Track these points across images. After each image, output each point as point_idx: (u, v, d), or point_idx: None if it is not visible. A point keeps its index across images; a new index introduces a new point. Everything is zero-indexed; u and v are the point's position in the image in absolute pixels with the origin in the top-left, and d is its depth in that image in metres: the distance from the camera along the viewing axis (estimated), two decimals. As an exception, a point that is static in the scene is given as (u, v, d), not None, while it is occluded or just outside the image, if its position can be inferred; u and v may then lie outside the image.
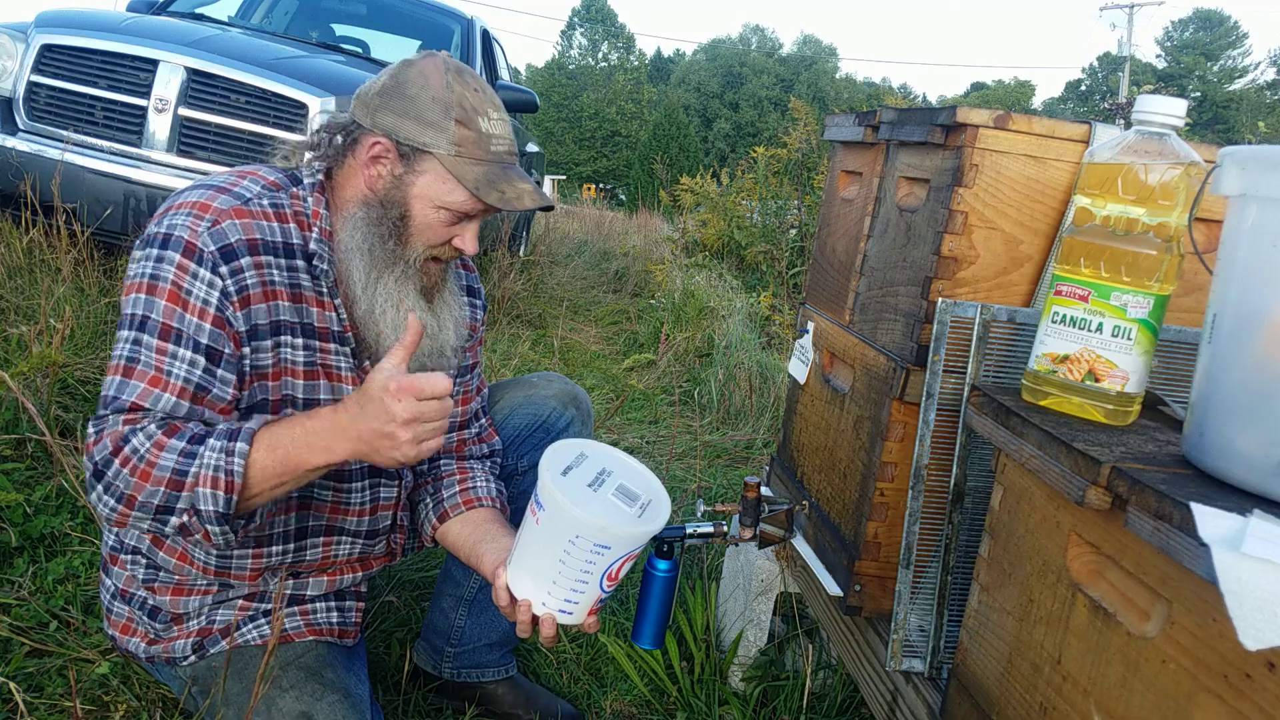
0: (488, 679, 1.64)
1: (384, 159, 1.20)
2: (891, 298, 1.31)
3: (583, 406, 1.62)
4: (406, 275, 1.24)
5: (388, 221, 1.21)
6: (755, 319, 4.83)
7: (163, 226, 1.13)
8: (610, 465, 1.23)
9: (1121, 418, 0.97)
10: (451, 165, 1.18)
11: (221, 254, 1.12)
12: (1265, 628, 0.61)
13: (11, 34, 3.32)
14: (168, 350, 1.10)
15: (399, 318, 1.23)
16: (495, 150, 1.21)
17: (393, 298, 1.23)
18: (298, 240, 1.21)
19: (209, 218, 1.13)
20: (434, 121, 1.17)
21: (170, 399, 1.10)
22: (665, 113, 31.72)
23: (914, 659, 1.23)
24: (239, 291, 1.14)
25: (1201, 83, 46.55)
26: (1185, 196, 0.93)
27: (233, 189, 1.19)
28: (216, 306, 1.12)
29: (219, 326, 1.13)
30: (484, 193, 1.17)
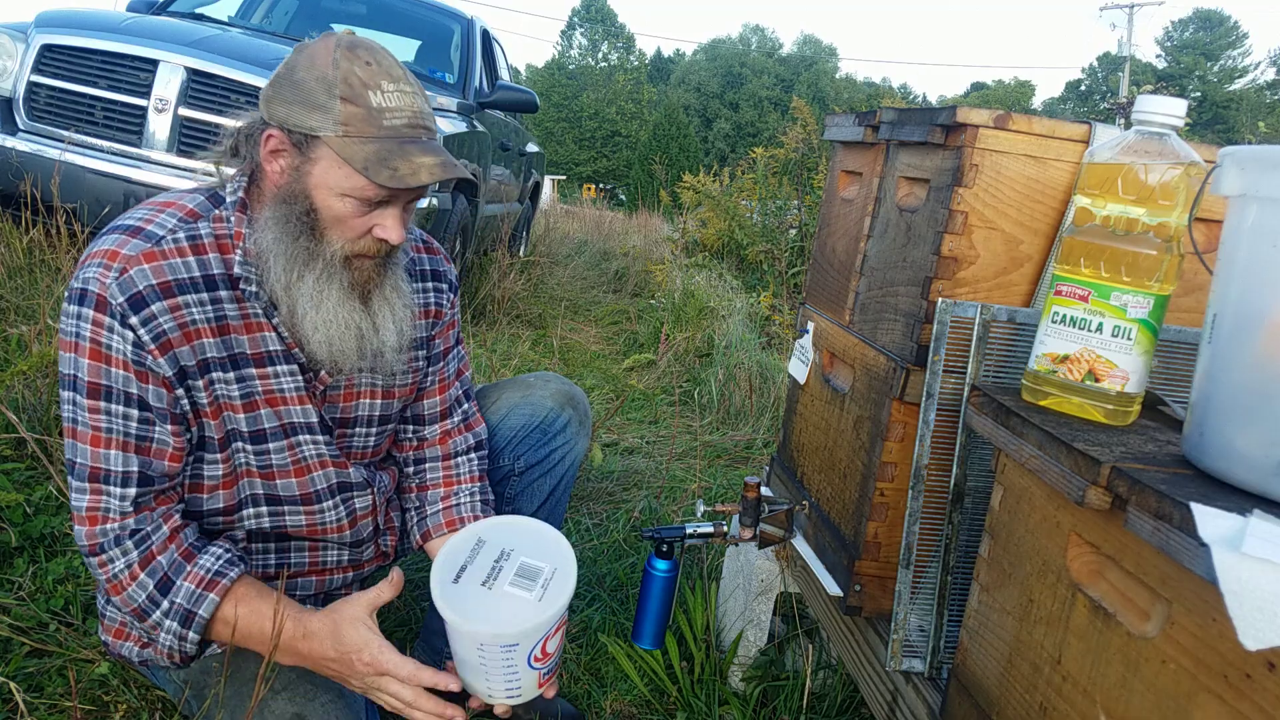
0: None
1: (281, 152, 1.14)
2: (891, 298, 1.31)
3: (580, 407, 1.61)
4: (329, 274, 1.17)
5: (294, 217, 1.15)
6: (755, 319, 4.83)
7: (79, 280, 1.11)
8: (511, 542, 1.24)
9: (1121, 418, 0.97)
10: (340, 147, 1.10)
11: (130, 304, 1.10)
12: (1265, 628, 0.61)
13: (11, 34, 3.32)
14: (100, 408, 1.11)
15: (322, 319, 1.18)
16: (389, 125, 1.12)
17: (313, 298, 1.17)
18: (218, 270, 1.17)
19: (117, 266, 1.10)
20: (320, 103, 1.10)
21: (117, 454, 1.12)
22: (665, 113, 31.73)
23: (914, 659, 1.23)
24: (155, 339, 1.11)
25: (1201, 83, 46.55)
26: (1185, 196, 0.93)
27: (145, 227, 1.14)
28: (133, 359, 1.11)
29: (142, 379, 1.12)
30: (373, 172, 1.09)
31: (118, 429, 1.12)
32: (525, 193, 6.30)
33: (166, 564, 1.16)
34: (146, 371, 1.12)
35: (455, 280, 1.46)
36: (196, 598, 1.16)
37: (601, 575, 2.10)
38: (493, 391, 1.61)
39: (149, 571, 1.15)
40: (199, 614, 1.16)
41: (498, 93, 4.73)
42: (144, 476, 1.15)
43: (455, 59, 4.86)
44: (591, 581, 2.09)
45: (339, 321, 1.19)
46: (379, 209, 1.16)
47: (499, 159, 5.05)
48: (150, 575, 1.15)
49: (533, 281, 5.91)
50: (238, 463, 1.25)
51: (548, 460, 1.57)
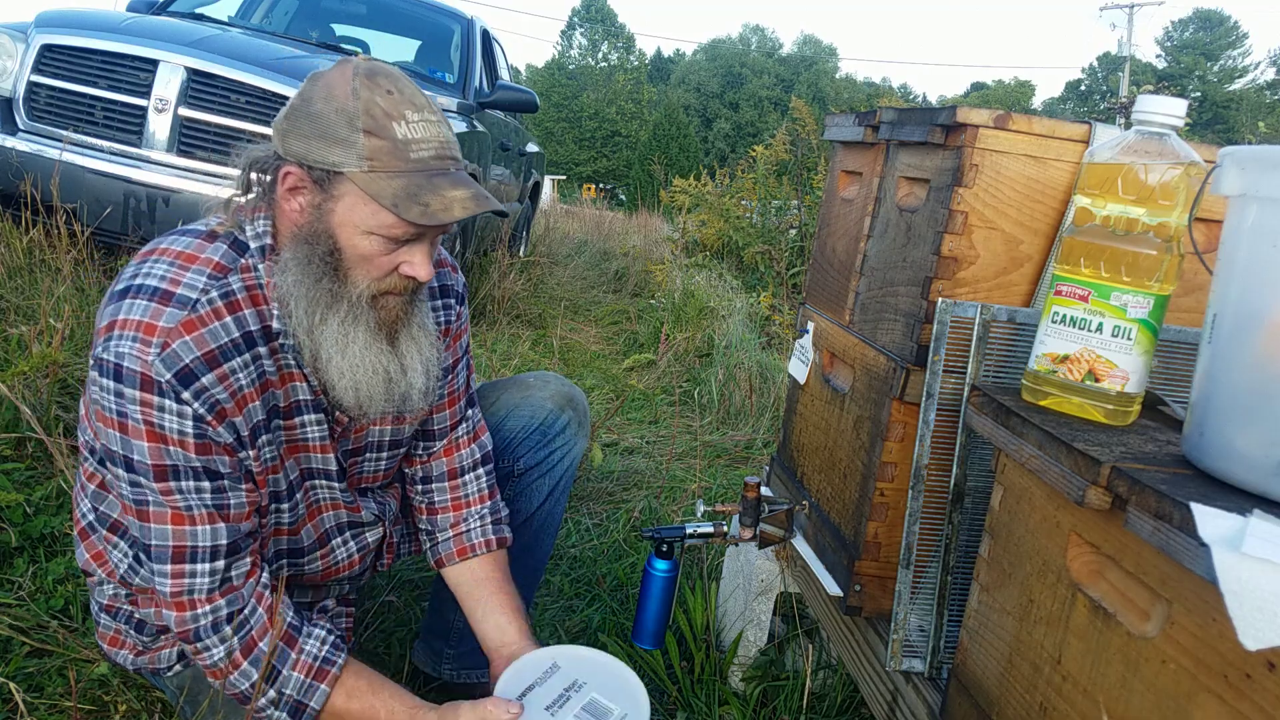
0: (488, 679, 1.63)
1: (301, 189, 1.08)
2: (891, 298, 1.31)
3: (579, 408, 1.60)
4: (354, 315, 1.12)
5: (317, 258, 1.09)
6: (755, 319, 4.83)
7: (110, 353, 1.04)
8: (586, 675, 1.19)
9: (1121, 418, 0.97)
10: (365, 184, 1.04)
11: (180, 380, 1.04)
12: (1265, 628, 0.61)
13: (11, 34, 3.32)
14: (171, 488, 1.06)
15: (348, 364, 1.13)
16: (417, 157, 1.06)
17: (337, 342, 1.12)
18: (254, 325, 1.11)
19: (157, 341, 1.03)
20: (342, 137, 1.03)
21: (203, 529, 1.08)
22: (665, 113, 31.74)
23: (914, 659, 1.23)
24: (211, 410, 1.06)
25: (1201, 83, 46.55)
26: (1185, 196, 0.93)
27: (175, 291, 1.07)
28: (194, 434, 1.06)
29: (204, 450, 1.07)
30: (404, 208, 1.04)
31: (195, 503, 1.07)
32: (525, 193, 6.30)
33: (270, 650, 1.13)
34: (209, 443, 1.07)
35: (463, 289, 1.43)
36: (306, 688, 1.14)
37: (601, 575, 2.10)
38: (491, 392, 1.61)
39: (252, 660, 1.12)
40: (310, 706, 1.14)
41: (498, 93, 4.73)
42: (231, 546, 1.10)
43: (455, 59, 4.86)
44: (591, 581, 2.09)
45: (366, 366, 1.14)
46: (406, 245, 1.10)
47: (499, 159, 5.05)
48: (254, 664, 1.12)
49: (533, 281, 5.92)
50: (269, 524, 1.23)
51: (547, 461, 1.57)
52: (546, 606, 1.97)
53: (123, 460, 1.06)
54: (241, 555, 1.13)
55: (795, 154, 6.55)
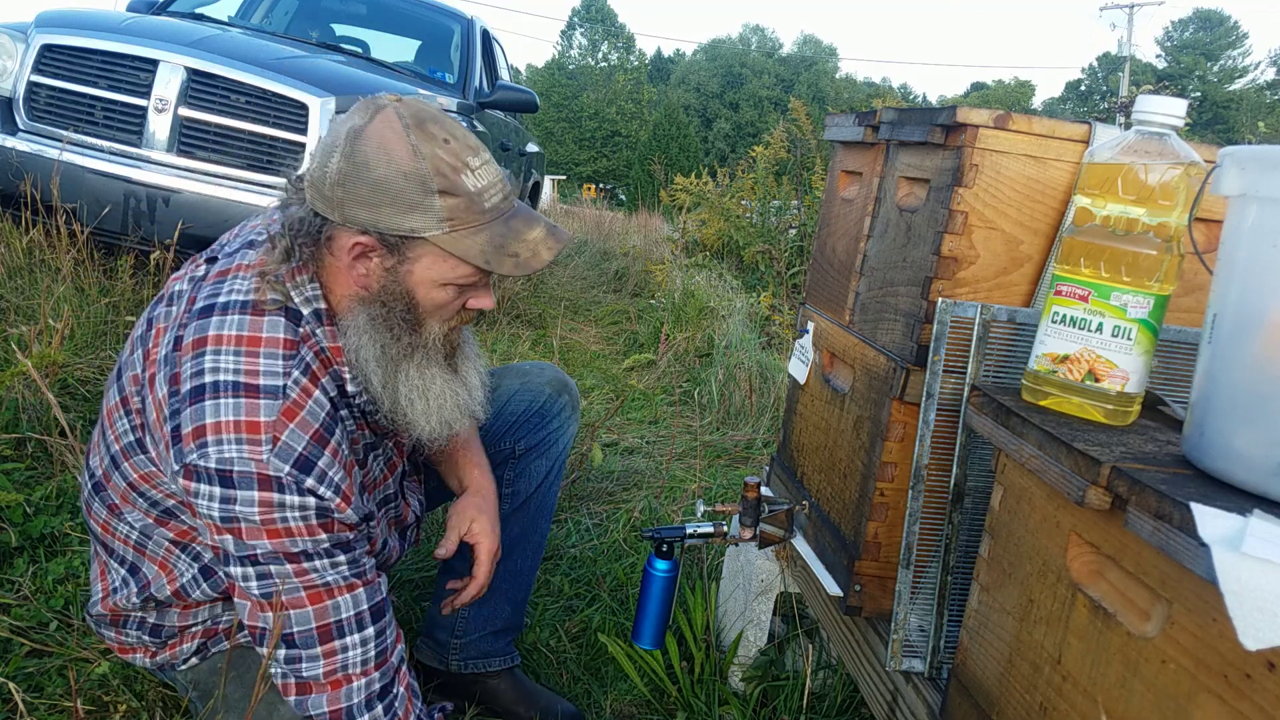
0: (494, 668, 1.64)
1: (371, 254, 1.07)
2: (891, 298, 1.31)
3: (573, 394, 1.66)
4: (428, 359, 1.15)
5: (394, 317, 1.10)
6: (755, 319, 4.83)
7: (212, 460, 1.00)
8: None
9: (1121, 418, 0.97)
10: (449, 244, 1.04)
11: (300, 469, 1.02)
12: (1265, 628, 0.61)
13: (11, 34, 3.32)
14: (304, 570, 1.05)
15: (435, 404, 1.16)
16: (491, 205, 1.06)
17: (419, 388, 1.14)
18: (334, 391, 1.12)
19: (265, 437, 1.01)
20: (415, 202, 1.02)
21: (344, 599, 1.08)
22: (665, 113, 31.73)
23: (914, 659, 1.23)
24: (336, 492, 1.06)
25: (1201, 83, 46.56)
26: (1185, 196, 0.93)
27: (260, 383, 1.04)
28: (318, 520, 1.05)
29: (328, 529, 1.06)
30: (496, 263, 1.06)
31: (333, 578, 1.07)
32: (525, 193, 6.30)
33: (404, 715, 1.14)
34: (333, 522, 1.07)
35: None
36: None
37: (601, 575, 2.10)
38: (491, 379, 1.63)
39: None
40: None
41: (498, 93, 4.73)
42: (375, 610, 1.10)
43: (455, 59, 4.86)
44: (591, 581, 2.09)
45: (448, 402, 1.17)
46: (475, 286, 1.13)
47: (499, 159, 5.05)
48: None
49: (532, 281, 5.91)
50: None
51: (544, 442, 1.61)
52: (546, 607, 1.97)
53: (243, 560, 1.04)
54: (386, 618, 1.13)
55: (794, 154, 6.55)
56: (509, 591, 1.63)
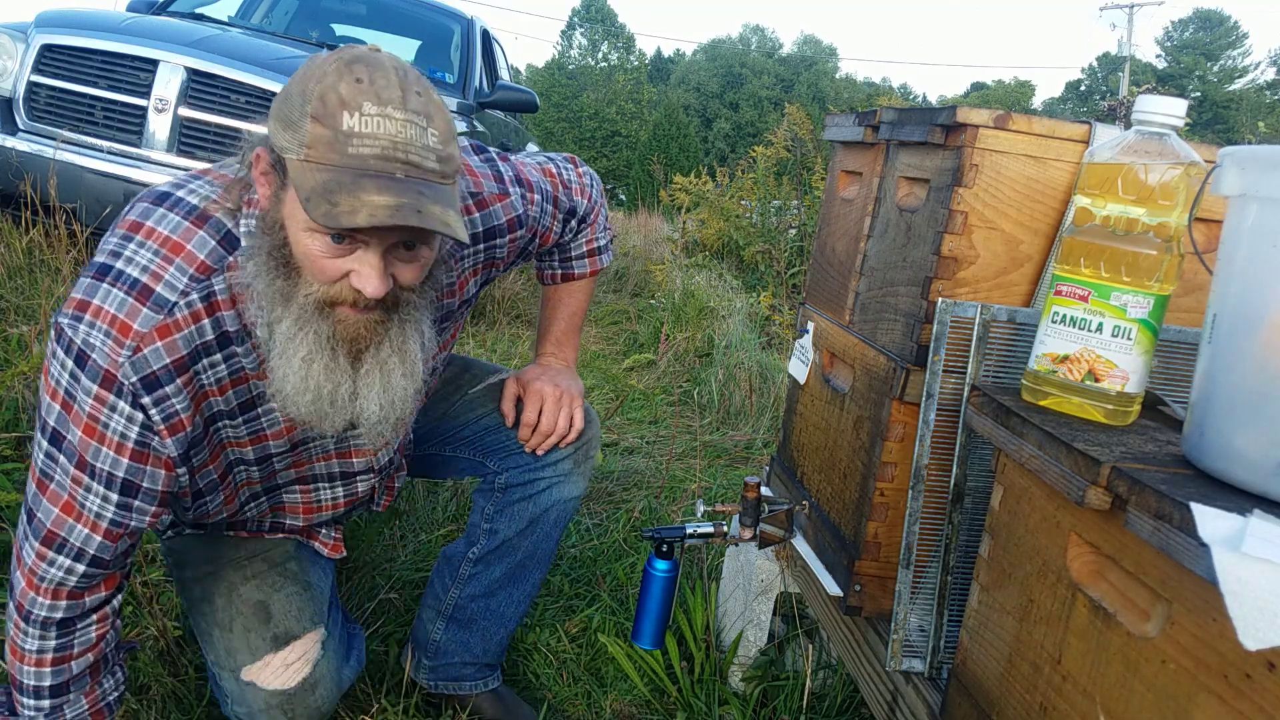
0: (464, 692, 1.61)
1: (266, 172, 1.00)
2: (891, 298, 1.31)
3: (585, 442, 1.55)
4: (303, 321, 1.02)
5: (274, 250, 1.00)
6: (755, 319, 4.83)
7: (79, 335, 1.01)
8: None
9: (1121, 418, 0.97)
10: (296, 173, 0.94)
11: (144, 384, 1.01)
12: (1265, 628, 0.61)
13: (11, 34, 3.32)
14: (82, 481, 1.05)
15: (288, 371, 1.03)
16: (354, 152, 0.92)
17: (282, 347, 1.03)
18: (233, 326, 1.06)
19: (130, 344, 1.00)
20: (293, 120, 0.94)
21: (83, 531, 1.07)
22: (665, 113, 31.72)
23: (914, 659, 1.23)
24: (167, 419, 1.04)
25: (1201, 83, 46.56)
26: (1185, 196, 0.93)
27: (155, 289, 1.02)
28: (136, 440, 1.03)
29: (139, 460, 1.05)
30: (312, 205, 0.91)
31: (91, 508, 1.06)
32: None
33: (76, 671, 1.15)
34: (148, 453, 1.05)
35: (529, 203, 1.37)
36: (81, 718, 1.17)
37: (601, 575, 2.10)
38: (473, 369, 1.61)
39: (55, 671, 1.13)
40: None
41: (498, 93, 4.73)
42: (97, 560, 1.09)
43: (455, 59, 4.87)
44: (591, 581, 2.09)
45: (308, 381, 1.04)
46: (356, 253, 0.99)
47: (499, 159, 5.04)
48: (54, 674, 1.14)
49: (533, 281, 5.91)
50: (237, 480, 1.21)
51: (531, 486, 1.52)
52: (546, 607, 1.97)
53: (51, 432, 1.05)
54: (106, 570, 1.12)
55: (794, 154, 6.55)
56: (486, 629, 1.58)
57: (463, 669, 1.60)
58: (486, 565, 1.55)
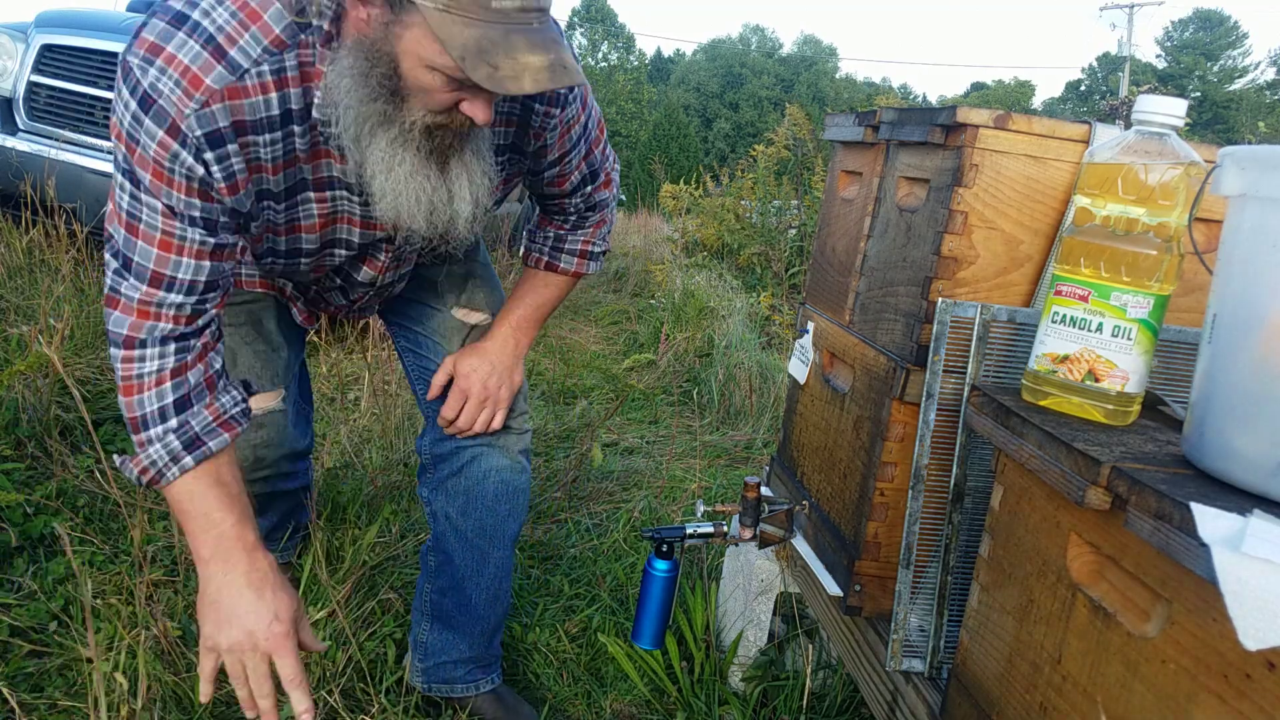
0: (457, 694, 1.60)
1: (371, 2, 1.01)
2: (891, 298, 1.31)
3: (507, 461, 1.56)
4: (404, 140, 1.08)
5: (376, 77, 1.03)
6: (755, 319, 4.83)
7: (147, 79, 1.02)
8: None
9: (1121, 418, 0.97)
10: (437, 25, 0.95)
11: (208, 140, 1.04)
12: (1265, 628, 0.61)
13: (11, 34, 3.32)
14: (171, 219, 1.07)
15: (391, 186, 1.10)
16: (499, 7, 0.95)
17: (384, 163, 1.09)
18: (298, 105, 1.09)
19: (199, 97, 1.02)
20: None
21: (189, 263, 1.09)
22: (665, 113, 31.72)
23: (914, 659, 1.23)
24: (227, 179, 1.08)
25: (1201, 83, 46.56)
26: (1185, 196, 0.93)
27: (229, 53, 1.04)
28: (200, 188, 1.07)
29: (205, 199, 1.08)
30: (471, 66, 0.95)
31: (191, 239, 1.09)
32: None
33: (194, 382, 1.14)
34: (212, 198, 1.09)
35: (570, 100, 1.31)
36: (210, 429, 1.15)
37: (601, 575, 2.10)
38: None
39: (175, 384, 1.13)
40: (208, 445, 1.14)
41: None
42: (209, 284, 1.12)
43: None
44: (591, 581, 2.09)
45: (410, 193, 1.11)
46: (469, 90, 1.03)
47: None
48: (175, 389, 1.13)
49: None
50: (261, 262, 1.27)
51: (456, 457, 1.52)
52: (546, 607, 1.97)
53: (130, 176, 1.06)
54: (216, 293, 1.15)
55: (795, 154, 6.55)
56: (466, 625, 1.57)
57: (453, 669, 1.59)
58: (443, 552, 1.56)
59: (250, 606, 1.13)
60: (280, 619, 1.13)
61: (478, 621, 1.58)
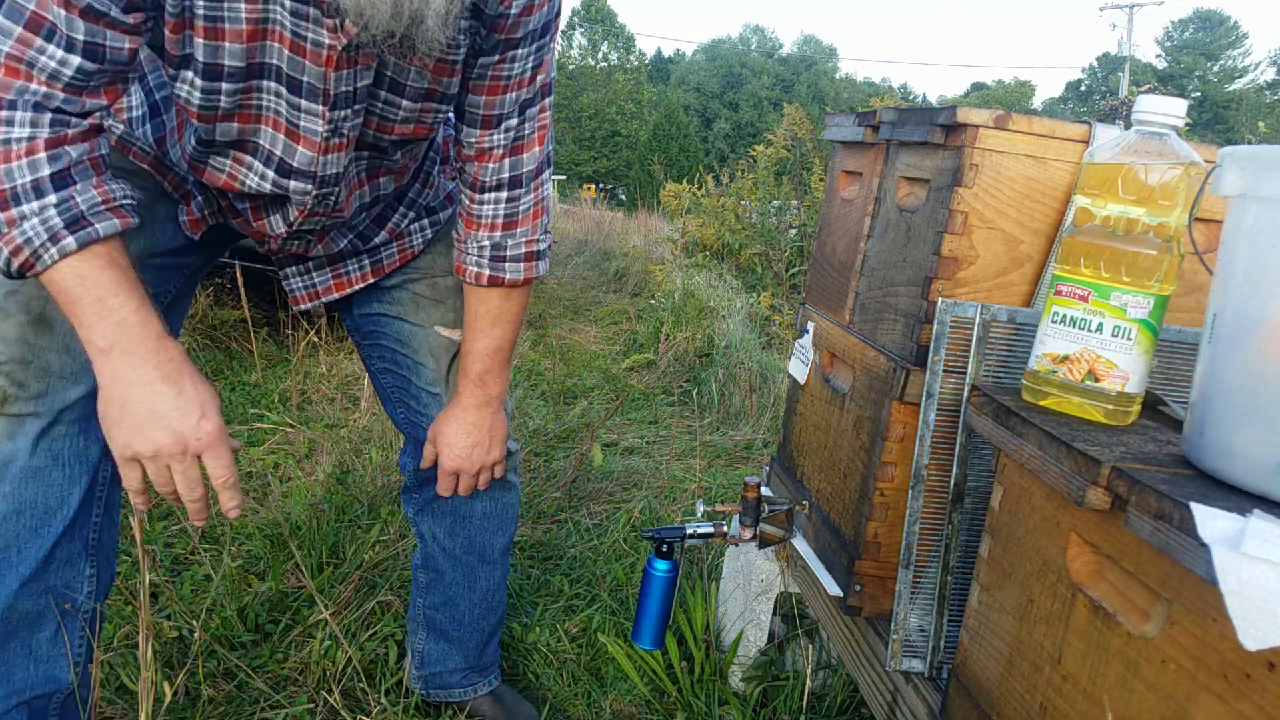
0: (454, 699, 1.59)
1: None
2: (891, 298, 1.31)
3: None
4: None
5: None
6: (755, 319, 4.83)
7: None
8: None
9: (1121, 418, 0.97)
10: None
11: None
12: (1265, 628, 0.61)
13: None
14: None
15: None
16: None
17: None
18: None
19: None
20: None
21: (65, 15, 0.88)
22: (665, 113, 31.75)
23: (914, 659, 1.23)
24: None
25: (1201, 83, 46.58)
26: (1185, 196, 0.93)
27: None
28: None
29: None
30: None
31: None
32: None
33: (76, 157, 0.94)
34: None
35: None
36: (97, 210, 0.95)
37: (601, 575, 2.10)
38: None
39: (52, 156, 0.92)
40: (95, 228, 0.94)
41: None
42: (93, 51, 0.91)
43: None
44: (591, 581, 2.09)
45: None
46: None
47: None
48: (51, 161, 0.92)
49: (533, 281, 5.91)
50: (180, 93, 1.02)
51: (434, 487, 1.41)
52: (546, 607, 1.97)
53: None
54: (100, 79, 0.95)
55: (794, 153, 6.55)
56: (461, 638, 1.56)
57: (449, 676, 1.58)
58: (433, 569, 1.53)
59: (171, 404, 0.97)
60: (208, 415, 0.99)
61: (473, 634, 1.57)
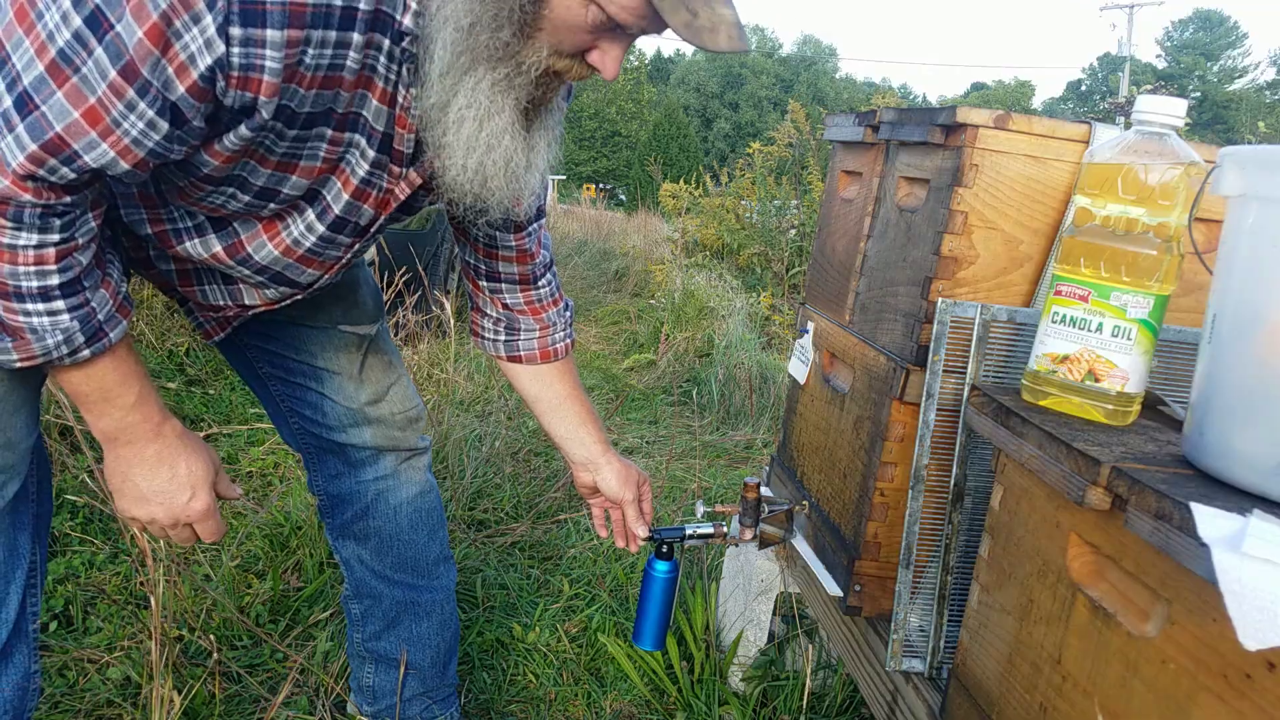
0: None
1: None
2: (891, 298, 1.31)
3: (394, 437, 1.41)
4: (511, 84, 0.89)
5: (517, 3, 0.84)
6: (755, 319, 4.83)
7: None
8: None
9: (1121, 418, 0.97)
10: None
11: (243, 14, 0.78)
12: (1265, 628, 0.61)
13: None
14: (124, 95, 0.80)
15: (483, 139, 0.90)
16: None
17: (480, 108, 0.89)
18: (368, 6, 0.86)
19: None
20: None
21: (108, 154, 0.83)
22: (665, 113, 31.75)
23: (914, 659, 1.23)
24: (244, 69, 0.81)
25: (1201, 83, 46.59)
26: (1185, 196, 0.93)
27: None
28: (202, 75, 0.81)
29: (196, 96, 0.82)
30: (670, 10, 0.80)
31: (130, 132, 0.82)
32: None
33: (84, 264, 0.91)
34: (208, 91, 0.82)
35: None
36: (111, 316, 0.94)
37: (601, 575, 2.10)
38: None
39: (63, 267, 0.88)
40: (110, 337, 0.94)
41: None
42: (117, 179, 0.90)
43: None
44: (591, 581, 2.09)
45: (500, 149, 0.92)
46: (611, 34, 0.86)
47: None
48: (63, 271, 0.89)
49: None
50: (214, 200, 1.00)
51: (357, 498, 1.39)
52: (546, 607, 1.97)
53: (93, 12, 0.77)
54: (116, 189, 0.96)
55: (794, 153, 6.55)
56: (412, 659, 1.46)
57: (407, 708, 1.48)
58: (366, 597, 1.45)
59: (164, 485, 1.02)
60: (199, 494, 1.04)
61: (426, 652, 1.47)
